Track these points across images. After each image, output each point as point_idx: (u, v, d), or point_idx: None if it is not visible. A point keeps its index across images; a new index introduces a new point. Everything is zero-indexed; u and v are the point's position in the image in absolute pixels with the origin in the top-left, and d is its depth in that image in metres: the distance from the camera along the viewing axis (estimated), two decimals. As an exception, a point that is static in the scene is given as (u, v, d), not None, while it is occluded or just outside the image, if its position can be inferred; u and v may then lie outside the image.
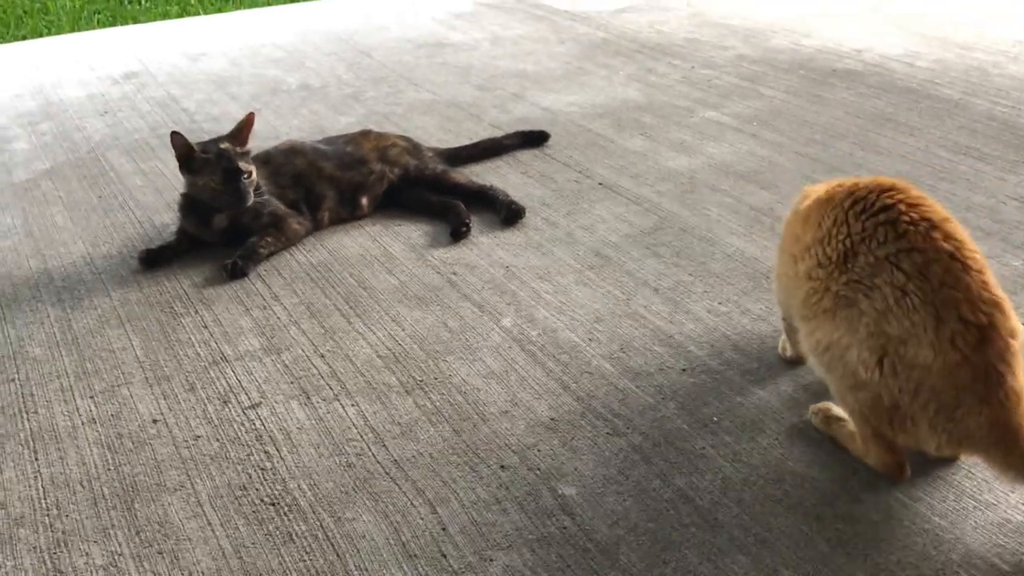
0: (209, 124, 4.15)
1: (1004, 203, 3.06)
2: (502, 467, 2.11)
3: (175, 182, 3.43)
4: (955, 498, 1.93)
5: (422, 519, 1.98)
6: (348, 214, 3.25)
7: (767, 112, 3.94)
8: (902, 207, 1.89)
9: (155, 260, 3.05)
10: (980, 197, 3.11)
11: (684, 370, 2.38)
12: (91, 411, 2.39)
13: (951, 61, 4.39)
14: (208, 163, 3.00)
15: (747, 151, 3.58)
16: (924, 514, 1.91)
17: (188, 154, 3.02)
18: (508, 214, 3.16)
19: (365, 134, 3.47)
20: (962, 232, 1.89)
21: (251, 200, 3.01)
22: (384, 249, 3.06)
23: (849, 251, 1.92)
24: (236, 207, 3.02)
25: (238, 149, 3.06)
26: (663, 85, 4.34)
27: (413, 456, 2.16)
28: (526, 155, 3.67)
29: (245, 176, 3.01)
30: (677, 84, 4.34)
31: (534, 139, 3.76)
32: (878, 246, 1.88)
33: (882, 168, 3.34)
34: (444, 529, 1.95)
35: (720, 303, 2.64)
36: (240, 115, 3.20)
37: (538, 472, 2.09)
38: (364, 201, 3.26)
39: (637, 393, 2.31)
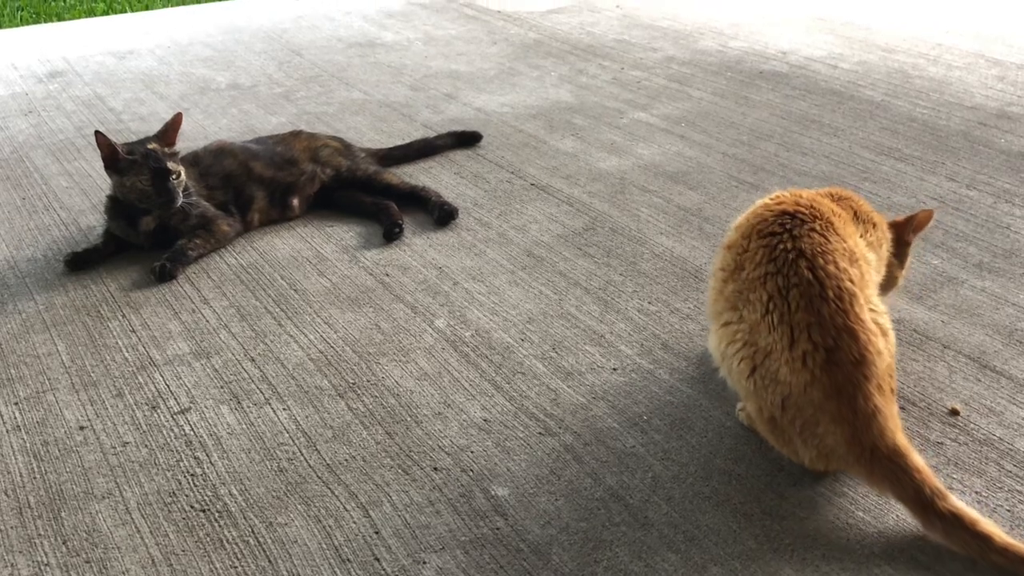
0: (136, 124, 4.09)
1: (924, 203, 3.14)
2: (435, 469, 2.11)
3: (101, 183, 3.38)
4: (877, 493, 1.98)
5: (355, 523, 1.98)
6: (279, 215, 3.23)
7: (695, 113, 4.00)
8: (785, 236, 2.02)
9: (81, 263, 2.99)
10: (901, 197, 3.19)
11: (615, 369, 2.41)
12: (16, 418, 2.34)
13: (873, 63, 4.49)
14: (136, 164, 2.96)
15: (676, 152, 3.63)
16: (848, 508, 1.96)
17: (113, 154, 2.97)
18: (441, 215, 3.16)
19: (296, 134, 3.45)
20: (839, 267, 1.97)
21: (180, 201, 2.98)
22: (316, 251, 3.04)
23: (740, 264, 2.06)
24: (165, 209, 2.98)
25: (166, 149, 3.02)
26: (594, 86, 4.38)
27: (346, 460, 2.15)
28: (459, 155, 3.68)
29: (174, 177, 2.97)
30: (607, 85, 4.38)
31: (467, 139, 3.77)
32: (754, 267, 2.02)
33: (807, 169, 3.41)
34: (377, 532, 1.95)
35: (649, 302, 2.68)
36: (168, 115, 3.16)
37: (471, 473, 2.10)
38: (295, 202, 3.24)
39: (569, 393, 2.34)
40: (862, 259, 2.06)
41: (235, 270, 2.95)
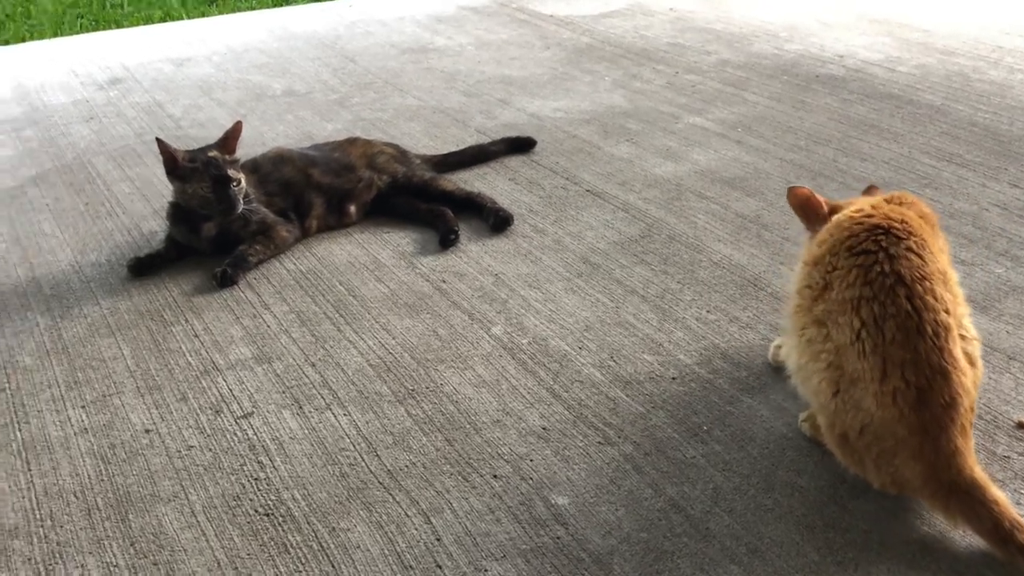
0: (195, 130, 4.15)
1: (987, 209, 3.10)
2: (495, 477, 2.12)
3: (163, 189, 3.43)
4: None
5: (416, 529, 1.99)
6: (336, 221, 3.26)
7: (751, 118, 3.97)
8: (881, 255, 1.92)
9: (144, 268, 3.04)
10: (963, 204, 3.14)
11: (674, 378, 2.41)
12: (83, 421, 2.39)
13: (932, 66, 4.43)
14: (197, 171, 3.01)
15: (732, 157, 3.61)
16: (912, 523, 1.93)
17: (174, 161, 3.02)
18: (496, 221, 3.17)
19: (353, 141, 3.48)
20: (937, 295, 1.89)
21: (240, 208, 3.02)
22: (373, 257, 3.07)
23: (829, 283, 1.98)
24: (225, 215, 3.02)
25: (227, 157, 3.07)
26: (648, 91, 4.36)
27: (406, 466, 2.17)
28: (513, 161, 3.69)
29: (234, 184, 3.01)
30: (662, 90, 4.36)
31: (521, 145, 3.77)
32: (847, 287, 1.93)
33: (866, 175, 3.38)
34: (439, 539, 1.97)
35: (708, 311, 2.67)
36: (226, 121, 3.21)
37: (531, 482, 2.10)
38: (352, 208, 3.27)
39: (627, 402, 2.33)
40: (951, 280, 1.98)
41: (294, 276, 2.99)
